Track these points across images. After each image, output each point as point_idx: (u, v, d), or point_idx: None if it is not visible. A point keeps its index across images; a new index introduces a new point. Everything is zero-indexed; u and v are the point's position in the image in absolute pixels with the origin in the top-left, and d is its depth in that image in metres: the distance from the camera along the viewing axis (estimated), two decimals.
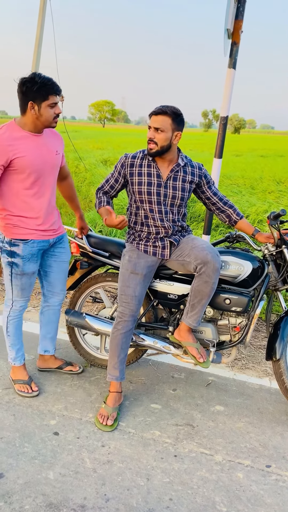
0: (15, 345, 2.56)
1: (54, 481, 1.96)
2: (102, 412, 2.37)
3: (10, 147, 2.14)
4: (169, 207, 2.38)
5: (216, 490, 1.98)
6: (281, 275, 2.49)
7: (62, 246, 2.57)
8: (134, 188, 2.35)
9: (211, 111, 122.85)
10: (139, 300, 2.39)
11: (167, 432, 2.34)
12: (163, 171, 2.35)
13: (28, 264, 2.38)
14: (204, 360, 2.42)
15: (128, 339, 2.42)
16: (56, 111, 2.20)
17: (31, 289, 2.50)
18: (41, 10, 5.48)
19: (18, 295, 2.47)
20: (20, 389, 2.53)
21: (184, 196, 2.39)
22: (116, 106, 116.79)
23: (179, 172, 2.37)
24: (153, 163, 2.33)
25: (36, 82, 2.10)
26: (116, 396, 2.44)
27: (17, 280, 2.41)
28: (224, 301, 2.43)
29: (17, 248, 2.33)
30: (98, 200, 2.43)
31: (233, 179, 10.15)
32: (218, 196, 2.51)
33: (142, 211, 2.38)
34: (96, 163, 11.89)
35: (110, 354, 2.44)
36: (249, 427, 2.43)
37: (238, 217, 2.52)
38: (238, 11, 3.19)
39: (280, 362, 2.44)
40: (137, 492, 1.94)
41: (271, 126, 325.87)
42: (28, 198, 2.29)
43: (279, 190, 8.92)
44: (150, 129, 2.24)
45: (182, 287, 2.48)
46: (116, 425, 2.35)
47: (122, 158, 2.39)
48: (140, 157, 2.35)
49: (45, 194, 2.36)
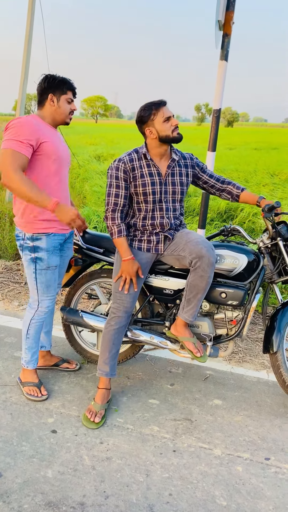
0: (32, 348, 2.51)
1: (53, 479, 1.95)
2: (90, 408, 2.36)
3: (39, 130, 2.19)
4: (170, 203, 2.38)
5: (215, 484, 1.98)
6: (277, 267, 2.48)
7: (70, 242, 2.58)
8: (139, 190, 2.31)
9: (204, 104, 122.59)
10: (133, 297, 2.37)
11: (166, 427, 2.33)
12: (161, 168, 2.34)
13: (52, 257, 2.36)
14: (201, 354, 2.42)
15: (121, 335, 2.41)
16: (72, 107, 2.33)
17: (55, 286, 2.46)
18: (30, 6, 5.41)
19: (44, 293, 2.42)
20: (29, 392, 2.49)
21: (183, 190, 2.40)
22: (108, 101, 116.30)
23: (175, 167, 2.36)
24: (151, 162, 2.31)
25: (57, 77, 2.28)
26: (105, 393, 2.42)
27: (41, 276, 2.37)
28: (220, 295, 2.42)
29: (40, 242, 2.31)
30: (117, 228, 2.29)
31: (227, 172, 10.14)
32: (215, 177, 2.51)
33: (143, 210, 2.36)
34: (89, 159, 11.84)
35: (101, 349, 2.43)
36: (247, 420, 2.43)
37: (239, 190, 2.49)
38: (229, 2, 3.15)
39: (278, 355, 2.43)
40: (137, 488, 1.93)
41: (264, 118, 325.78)
42: (53, 186, 2.29)
43: (273, 182, 8.92)
44: (170, 119, 2.24)
45: (178, 282, 2.47)
46: (102, 423, 2.33)
47: (119, 165, 2.28)
48: (136, 158, 2.31)
49: (65, 184, 2.38)
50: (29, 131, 2.11)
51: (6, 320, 3.41)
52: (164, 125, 2.24)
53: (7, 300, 3.80)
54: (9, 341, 3.09)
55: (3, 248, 4.76)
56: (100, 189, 7.55)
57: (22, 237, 2.33)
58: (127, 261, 2.30)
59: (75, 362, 2.83)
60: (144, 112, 2.25)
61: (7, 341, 3.09)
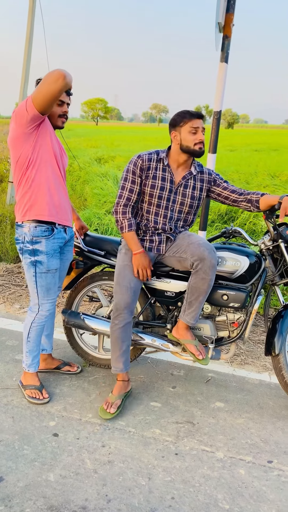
0: (32, 352, 2.51)
1: (55, 483, 1.94)
2: (107, 400, 2.43)
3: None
4: (176, 213, 2.39)
5: (218, 487, 1.97)
6: (278, 269, 2.47)
7: (70, 245, 2.57)
8: (146, 190, 2.33)
9: (204, 106, 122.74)
10: (134, 292, 2.37)
11: (168, 430, 2.32)
12: (176, 177, 2.35)
13: (51, 260, 2.36)
14: (203, 357, 2.41)
15: (128, 331, 2.41)
16: (63, 110, 2.29)
17: (55, 289, 2.47)
18: (31, 8, 5.43)
19: (45, 297, 2.42)
20: (31, 395, 2.48)
21: (193, 204, 2.40)
22: (108, 103, 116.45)
23: (190, 180, 2.37)
24: (168, 168, 2.32)
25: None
26: (122, 384, 2.48)
27: (42, 280, 2.37)
28: (222, 297, 2.41)
29: (39, 245, 2.31)
30: (128, 222, 2.32)
31: (228, 174, 10.13)
32: (230, 189, 2.44)
33: (148, 211, 2.37)
34: (90, 161, 11.84)
35: (111, 348, 2.44)
36: (249, 423, 2.42)
37: (259, 195, 2.39)
38: (229, 5, 3.16)
39: (279, 357, 2.43)
40: (139, 492, 1.92)
41: (264, 120, 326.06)
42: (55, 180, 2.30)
43: (274, 184, 8.90)
44: (196, 131, 2.24)
45: (179, 284, 2.46)
46: (117, 413, 2.38)
47: (137, 161, 2.30)
48: (155, 159, 2.31)
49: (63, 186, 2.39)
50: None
51: (7, 323, 3.40)
52: (189, 135, 2.25)
53: (9, 303, 3.80)
54: (11, 344, 3.09)
55: (4, 250, 4.76)
56: (101, 191, 7.55)
57: (22, 241, 2.33)
58: (139, 254, 2.32)
59: (76, 365, 2.82)
60: (178, 116, 2.28)
61: (9, 344, 3.09)
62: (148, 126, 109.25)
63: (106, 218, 5.91)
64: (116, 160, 12.70)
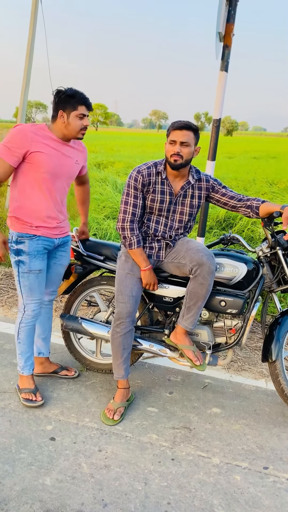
0: (25, 353, 2.52)
1: (51, 487, 1.94)
2: (109, 407, 2.45)
3: (34, 140, 2.23)
4: (176, 222, 2.41)
5: (214, 493, 1.98)
6: (276, 276, 2.49)
7: (64, 250, 2.59)
8: (147, 203, 2.36)
9: (204, 113, 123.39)
10: (135, 300, 2.38)
11: (164, 436, 2.33)
12: (175, 188, 2.36)
13: (34, 261, 2.38)
14: (201, 362, 2.42)
15: (129, 339, 2.43)
16: (84, 123, 2.30)
17: (40, 291, 2.47)
18: (33, 15, 5.48)
19: (28, 297, 2.44)
20: (25, 397, 2.49)
21: (192, 212, 2.42)
22: (108, 109, 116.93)
23: (188, 189, 2.38)
24: (166, 181, 2.33)
25: (67, 93, 2.24)
26: (123, 392, 2.49)
27: (24, 280, 2.40)
28: (220, 303, 2.43)
29: (23, 246, 2.35)
30: (136, 239, 2.33)
31: (226, 181, 10.18)
32: (228, 195, 2.43)
33: (146, 217, 2.40)
34: (89, 167, 11.88)
35: (113, 355, 2.45)
36: (246, 429, 2.43)
37: (259, 202, 2.39)
38: (230, 15, 3.20)
39: (276, 364, 2.44)
40: (135, 497, 1.93)
41: (263, 128, 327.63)
42: (33, 195, 2.33)
43: (272, 191, 8.95)
44: (174, 143, 2.23)
45: (178, 290, 2.48)
46: (120, 420, 2.40)
47: (138, 176, 2.29)
48: (154, 173, 2.32)
49: (57, 195, 2.40)
50: (20, 140, 2.19)
51: (5, 327, 3.41)
52: (168, 146, 2.27)
53: (7, 306, 3.80)
54: (8, 347, 3.09)
55: None
56: (100, 196, 7.58)
57: (10, 240, 2.39)
58: (148, 271, 2.36)
59: (74, 369, 2.83)
60: (169, 126, 2.30)
61: (6, 347, 3.09)
62: (147, 132, 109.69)
63: (105, 223, 5.93)
64: (115, 166, 12.75)
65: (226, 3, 3.17)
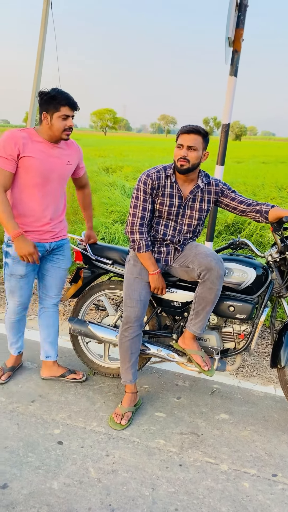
0: (10, 338, 2.74)
1: (59, 491, 1.94)
2: (117, 412, 2.44)
3: (23, 144, 2.25)
4: (185, 226, 2.41)
5: (222, 500, 1.96)
6: (285, 282, 2.47)
7: (61, 254, 2.61)
8: (156, 207, 2.36)
9: (212, 118, 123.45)
10: (144, 304, 2.38)
11: (172, 441, 2.32)
12: (184, 192, 2.36)
13: (16, 265, 2.44)
14: (209, 368, 2.41)
15: (137, 343, 2.42)
16: (67, 124, 2.29)
17: (21, 293, 2.54)
18: (43, 21, 5.54)
19: (9, 296, 2.58)
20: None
21: (201, 216, 2.41)
22: (117, 114, 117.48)
23: (198, 193, 2.38)
24: (175, 185, 2.33)
25: (49, 94, 2.23)
26: (131, 397, 2.49)
27: (7, 281, 2.52)
28: (228, 308, 2.42)
29: (10, 249, 2.43)
30: (145, 242, 2.33)
31: (235, 186, 10.16)
32: (238, 200, 2.41)
33: (155, 221, 2.40)
34: (98, 171, 11.93)
35: (120, 360, 2.45)
36: (254, 436, 2.41)
37: (269, 207, 2.36)
38: (239, 20, 3.21)
39: (285, 370, 2.42)
40: (142, 502, 1.92)
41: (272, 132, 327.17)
42: (26, 198, 2.36)
43: (281, 196, 8.92)
44: (181, 148, 2.23)
45: (186, 295, 2.47)
46: (128, 425, 2.40)
47: (147, 180, 2.29)
48: (163, 177, 2.32)
49: (49, 199, 2.42)
50: (10, 146, 2.22)
51: None
52: (176, 150, 2.27)
53: None
54: None
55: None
56: (109, 200, 7.60)
57: (4, 241, 2.47)
58: (156, 275, 2.36)
59: (81, 373, 2.83)
60: (178, 130, 2.30)
61: None
62: (156, 137, 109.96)
63: (113, 227, 5.94)
64: (124, 170, 12.79)
65: (236, 8, 3.17)
